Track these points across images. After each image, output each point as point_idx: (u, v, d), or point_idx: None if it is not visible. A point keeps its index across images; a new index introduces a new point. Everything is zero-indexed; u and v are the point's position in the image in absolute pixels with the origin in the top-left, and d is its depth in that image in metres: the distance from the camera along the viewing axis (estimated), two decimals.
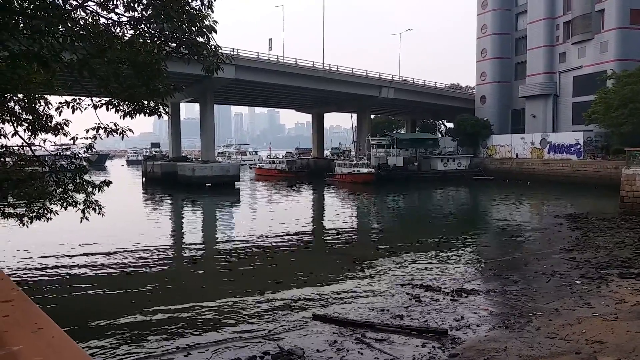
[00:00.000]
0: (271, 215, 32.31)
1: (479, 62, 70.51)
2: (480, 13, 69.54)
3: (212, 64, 7.20)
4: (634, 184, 25.32)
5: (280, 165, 69.96)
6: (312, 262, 18.13)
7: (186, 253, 20.43)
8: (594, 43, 53.58)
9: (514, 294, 12.73)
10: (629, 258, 15.87)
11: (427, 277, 14.96)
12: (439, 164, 60.78)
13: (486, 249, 20.70)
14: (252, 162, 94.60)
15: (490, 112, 67.59)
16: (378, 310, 11.72)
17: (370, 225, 29.16)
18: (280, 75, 55.18)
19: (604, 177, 42.69)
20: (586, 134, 50.96)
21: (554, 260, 16.50)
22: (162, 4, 6.40)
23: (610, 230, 21.37)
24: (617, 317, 9.87)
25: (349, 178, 54.82)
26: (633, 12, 50.55)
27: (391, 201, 41.26)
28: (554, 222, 25.51)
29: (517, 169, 56.25)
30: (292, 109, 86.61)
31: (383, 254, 18.65)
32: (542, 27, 59.85)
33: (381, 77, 65.48)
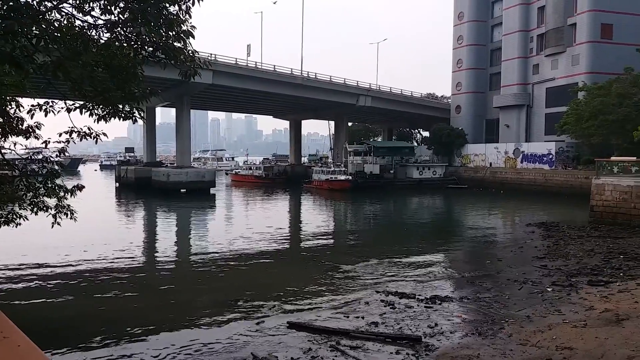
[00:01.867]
0: (247, 221, 32.13)
1: (454, 72, 71.63)
2: (457, 24, 70.75)
3: (189, 69, 7.17)
4: (603, 193, 25.97)
5: (257, 172, 69.68)
6: (287, 269, 18.07)
7: (159, 260, 20.12)
8: (566, 56, 55.00)
9: (486, 301, 12.90)
10: (598, 266, 16.24)
11: (402, 284, 15.06)
12: (414, 172, 61.38)
13: (460, 256, 20.97)
14: (228, 168, 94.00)
15: (465, 121, 68.64)
16: (353, 318, 11.74)
17: (346, 233, 29.23)
18: (258, 82, 55.11)
19: (574, 186, 43.69)
20: (558, 144, 52.13)
21: (526, 267, 16.79)
22: (139, 7, 6.35)
23: (581, 239, 21.84)
24: (586, 324, 10.09)
25: (326, 185, 54.93)
26: (603, 27, 52.10)
27: (367, 208, 41.44)
28: (526, 231, 25.98)
29: (490, 177, 57.17)
30: (270, 115, 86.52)
31: (359, 261, 18.70)
32: (516, 39, 61.20)
33: (359, 85, 65.96)
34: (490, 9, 69.12)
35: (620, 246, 19.51)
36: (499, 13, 66.30)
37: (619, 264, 16.39)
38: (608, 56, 51.01)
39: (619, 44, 50.95)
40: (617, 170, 27.81)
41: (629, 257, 17.38)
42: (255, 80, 54.76)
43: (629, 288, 12.87)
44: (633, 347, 8.51)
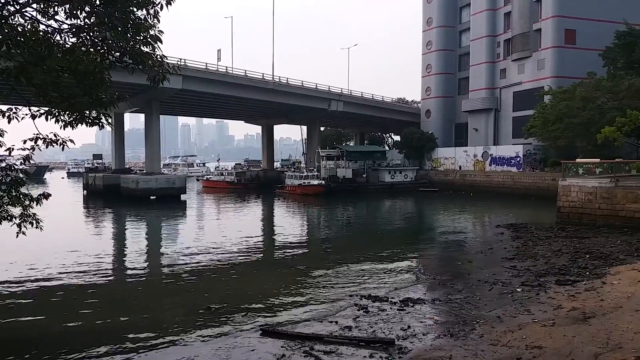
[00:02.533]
0: (218, 228, 31.82)
1: (424, 77, 72.68)
2: (426, 30, 71.86)
3: (158, 74, 7.08)
4: (569, 194, 26.66)
5: (229, 177, 69.13)
6: (260, 275, 17.95)
7: (127, 270, 19.68)
8: (532, 60, 56.45)
9: (458, 302, 13.07)
10: (565, 266, 16.64)
11: (376, 287, 15.13)
12: (386, 176, 61.90)
13: (432, 258, 21.21)
14: (199, 174, 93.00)
15: (435, 125, 69.67)
16: (327, 322, 11.73)
17: (319, 237, 29.24)
18: (229, 87, 54.79)
19: (542, 188, 44.76)
20: (525, 147, 53.36)
21: (496, 268, 17.08)
22: (105, 12, 6.25)
23: (548, 239, 22.34)
24: (554, 323, 10.31)
25: (299, 190, 54.87)
26: (567, 33, 53.72)
27: (340, 212, 41.57)
28: (495, 232, 26.47)
29: (460, 180, 58.11)
30: (242, 121, 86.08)
31: (332, 265, 18.72)
32: (484, 44, 62.51)
33: (330, 90, 66.23)
34: (458, 15, 70.45)
35: (586, 246, 20.03)
36: (466, 19, 67.64)
37: (585, 263, 16.82)
38: (572, 61, 52.56)
39: (582, 49, 52.57)
40: (582, 172, 28.61)
41: (594, 256, 17.86)
42: (226, 85, 54.42)
43: (594, 286, 13.22)
44: (599, 345, 8.75)
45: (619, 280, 13.61)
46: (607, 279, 14.05)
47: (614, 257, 17.46)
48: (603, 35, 48.09)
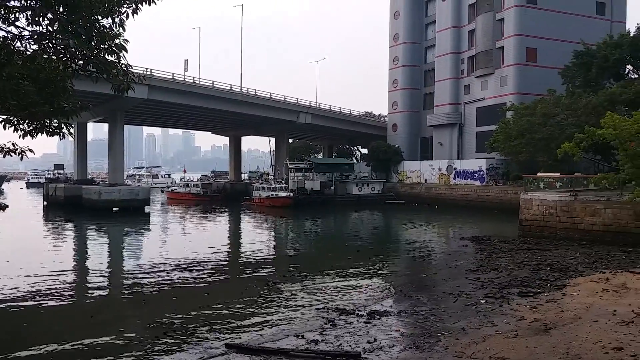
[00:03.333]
0: (183, 241, 31.28)
1: (391, 91, 73.75)
2: (392, 45, 73.06)
3: (122, 84, 6.95)
4: (531, 208, 27.36)
5: (195, 189, 68.19)
6: (225, 289, 17.71)
7: (88, 284, 19.09)
8: (495, 77, 58.03)
9: (423, 314, 13.17)
10: (527, 277, 17.00)
11: (342, 300, 15.13)
12: (354, 189, 62.25)
13: (398, 270, 21.36)
14: (164, 185, 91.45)
15: (401, 139, 70.63)
16: (293, 336, 11.63)
17: (287, 250, 29.09)
18: (196, 97, 54.29)
19: (504, 201, 45.78)
20: (488, 161, 54.60)
21: (460, 280, 17.33)
22: (68, 19, 6.10)
23: (511, 252, 22.81)
24: (517, 334, 10.50)
25: (267, 202, 54.58)
26: (528, 51, 55.54)
27: (308, 225, 41.50)
28: (460, 244, 26.88)
29: (426, 193, 58.95)
30: (209, 131, 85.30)
31: (299, 278, 18.63)
32: (448, 60, 63.95)
33: (299, 102, 66.45)
34: (424, 32, 71.94)
35: (547, 258, 20.55)
36: (432, 35, 69.11)
37: (546, 275, 17.24)
38: (533, 78, 54.29)
39: (542, 67, 54.42)
40: (543, 186, 29.45)
41: (555, 268, 18.33)
42: (193, 96, 53.90)
43: (555, 298, 13.55)
44: (560, 355, 8.95)
45: (578, 292, 13.99)
46: (567, 290, 14.42)
47: (573, 269, 17.95)
48: (562, 54, 49.92)
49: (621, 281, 14.63)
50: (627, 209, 23.21)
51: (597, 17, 58.30)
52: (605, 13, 59.38)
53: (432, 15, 69.30)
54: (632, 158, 21.94)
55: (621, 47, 43.58)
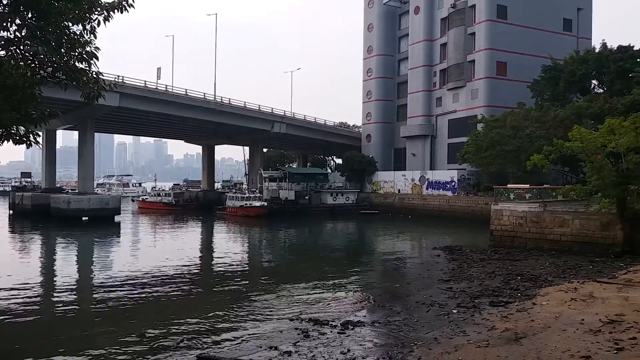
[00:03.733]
0: (154, 251, 30.77)
1: (365, 102, 74.38)
2: (366, 57, 73.82)
3: (93, 91, 6.81)
4: (501, 218, 27.82)
5: (167, 198, 67.24)
6: (197, 300, 17.45)
7: (57, 296, 18.55)
8: (466, 90, 59.13)
9: (397, 324, 13.20)
10: (498, 287, 17.24)
11: (316, 311, 15.06)
12: (328, 198, 62.36)
13: (372, 281, 21.40)
14: (135, 194, 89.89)
15: (375, 149, 71.20)
16: (266, 348, 11.50)
17: (261, 260, 28.86)
18: (169, 105, 53.72)
19: (476, 212, 46.46)
20: (460, 172, 55.44)
21: (433, 290, 17.45)
22: (37, 25, 5.97)
23: (482, 262, 23.12)
24: (489, 344, 10.60)
25: (241, 212, 54.16)
26: (498, 64, 56.80)
27: (282, 234, 41.32)
28: (432, 254, 27.12)
29: (399, 203, 59.45)
30: (182, 140, 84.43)
31: (273, 288, 18.49)
32: (421, 73, 64.92)
33: (274, 112, 66.38)
34: (397, 44, 72.92)
35: (518, 268, 20.89)
36: (405, 48, 70.10)
37: (517, 284, 17.50)
38: (503, 91, 55.51)
39: (512, 81, 55.70)
40: (513, 197, 29.97)
41: (525, 278, 18.63)
42: (165, 104, 53.32)
43: (526, 307, 13.75)
44: None
45: (548, 301, 14.24)
46: (537, 299, 14.66)
47: (543, 279, 18.27)
48: (531, 69, 51.29)
49: (589, 290, 14.95)
50: (593, 219, 23.81)
51: (564, 33, 60.11)
52: (572, 29, 61.28)
53: (405, 29, 70.33)
54: (598, 170, 22.53)
55: (587, 63, 44.99)
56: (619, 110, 34.55)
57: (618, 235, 22.69)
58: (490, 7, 56.23)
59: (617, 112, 33.57)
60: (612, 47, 45.53)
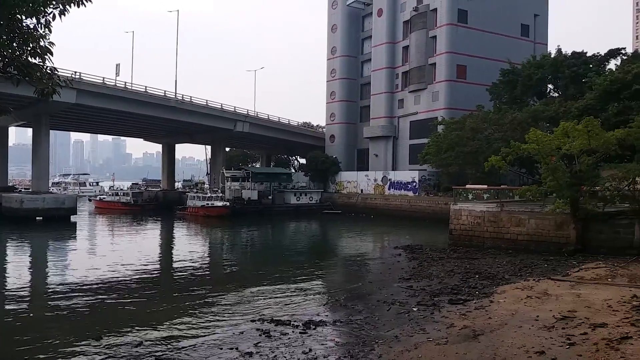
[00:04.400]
0: (112, 253, 29.99)
1: (328, 103, 74.64)
2: (330, 58, 74.11)
3: (47, 87, 6.57)
4: (460, 218, 28.43)
5: (125, 198, 65.62)
6: (158, 302, 17.10)
7: (9, 298, 17.82)
8: (427, 92, 60.15)
9: (358, 323, 13.31)
10: (457, 285, 17.61)
11: (278, 311, 15.01)
12: (292, 198, 62.25)
13: (334, 280, 21.52)
14: (92, 193, 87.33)
15: (338, 150, 71.56)
16: (226, 349, 11.39)
17: (222, 260, 28.56)
18: (128, 103, 52.43)
19: (436, 211, 47.28)
20: (421, 173, 56.36)
21: (394, 289, 17.68)
22: None
23: (442, 260, 23.57)
24: (447, 341, 10.82)
25: (202, 211, 53.41)
26: (458, 68, 58.03)
27: (245, 235, 40.99)
28: (393, 253, 27.46)
29: (362, 203, 59.94)
30: (141, 138, 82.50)
31: (235, 289, 18.33)
32: (383, 75, 65.64)
33: (236, 111, 65.71)
34: (360, 46, 73.52)
35: (476, 266, 21.40)
36: (368, 50, 70.72)
37: (475, 283, 17.93)
38: (463, 94, 56.72)
39: (471, 84, 57.00)
40: (471, 197, 30.65)
41: (483, 276, 19.11)
42: (124, 101, 52.02)
43: (483, 305, 14.10)
44: None
45: (505, 299, 14.65)
46: (494, 297, 15.05)
47: (500, 277, 18.78)
48: (490, 72, 52.64)
49: (543, 288, 15.46)
50: (548, 219, 24.63)
51: (522, 39, 61.99)
52: (529, 35, 63.27)
53: (368, 30, 70.95)
54: (553, 172, 23.32)
55: (543, 67, 46.53)
56: (573, 114, 35.87)
57: (571, 235, 23.54)
58: (451, 11, 57.39)
59: (571, 116, 34.85)
60: (567, 52, 47.27)
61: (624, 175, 22.12)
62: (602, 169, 24.50)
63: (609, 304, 12.66)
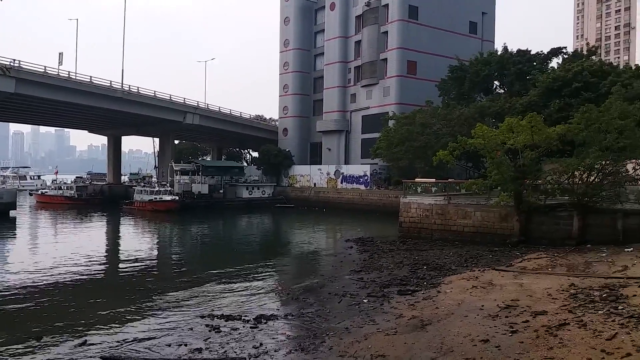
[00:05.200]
0: (55, 249, 28.70)
1: (281, 96, 74.22)
2: (283, 51, 73.64)
3: None
4: (409, 211, 28.96)
5: (68, 192, 63.09)
6: (103, 299, 16.50)
7: None
8: (379, 87, 60.84)
9: (309, 316, 13.31)
10: (406, 276, 17.91)
11: (229, 306, 14.80)
12: (244, 192, 61.63)
13: (286, 273, 21.46)
14: (33, 187, 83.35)
15: (291, 143, 71.37)
16: (175, 346, 11.12)
17: (171, 256, 27.90)
18: (72, 93, 50.33)
19: (387, 204, 47.99)
20: (372, 167, 57.05)
21: (345, 281, 17.81)
22: None
23: (392, 252, 23.93)
24: (397, 331, 10.98)
25: (150, 206, 52.00)
26: (409, 64, 58.96)
27: (195, 230, 40.23)
28: (345, 246, 27.65)
29: (315, 197, 60.10)
30: (86, 130, 79.52)
31: (183, 285, 17.94)
32: (336, 69, 65.89)
33: (186, 102, 64.32)
34: (313, 40, 73.41)
35: (424, 258, 21.84)
36: (321, 43, 70.74)
37: (423, 274, 18.30)
38: (413, 89, 57.70)
39: (421, 79, 58.06)
40: (420, 191, 31.29)
41: (431, 267, 19.53)
42: (68, 92, 49.89)
43: (431, 295, 14.41)
44: (435, 350, 9.49)
45: (451, 289, 15.02)
46: (442, 288, 15.41)
47: (447, 268, 19.25)
48: (439, 68, 53.78)
49: (488, 278, 15.96)
50: (493, 211, 25.46)
51: (470, 36, 63.67)
52: (477, 32, 65.05)
53: (321, 24, 70.95)
54: (498, 166, 24.07)
55: (490, 65, 47.98)
56: (517, 110, 37.20)
57: (515, 227, 24.43)
58: (402, 7, 58.17)
59: (516, 112, 36.14)
60: (512, 50, 48.93)
61: (564, 169, 23.06)
62: (544, 163, 25.46)
63: (549, 292, 13.20)
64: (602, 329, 9.53)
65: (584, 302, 11.90)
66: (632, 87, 34.88)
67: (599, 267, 16.62)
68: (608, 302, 11.61)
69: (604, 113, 23.13)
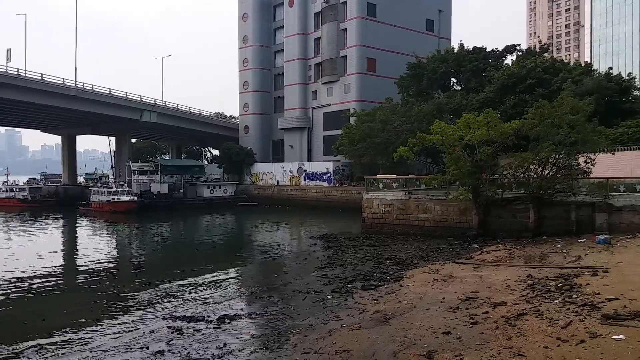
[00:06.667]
0: (8, 253, 27.57)
1: (241, 93, 73.55)
2: (242, 47, 72.93)
3: None
4: (372, 206, 29.23)
5: (21, 194, 60.73)
6: (60, 304, 15.97)
7: None
8: (340, 84, 61.11)
9: (274, 314, 13.26)
10: (369, 272, 18.08)
11: (192, 307, 14.57)
12: (205, 191, 60.79)
13: (250, 273, 21.30)
14: None
15: (253, 141, 70.87)
16: (136, 349, 10.87)
17: (130, 258, 27.22)
18: (22, 91, 48.42)
19: (350, 201, 48.30)
20: (335, 164, 57.28)
21: (309, 278, 17.82)
22: None
23: (355, 248, 24.11)
24: (360, 326, 11.07)
25: (108, 207, 50.62)
26: (369, 61, 59.49)
27: (155, 230, 39.41)
28: (309, 243, 27.71)
29: (278, 194, 59.88)
30: (38, 129, 76.57)
31: (144, 287, 17.54)
32: (296, 66, 65.77)
33: (143, 100, 62.85)
34: (272, 36, 73.03)
35: (387, 252, 22.10)
36: (281, 40, 70.44)
37: (386, 268, 18.51)
38: (373, 87, 58.29)
39: (381, 77, 58.71)
40: (382, 187, 31.61)
41: (393, 261, 19.77)
42: (17, 90, 47.97)
43: (394, 289, 14.60)
44: (398, 343, 9.63)
45: (414, 283, 15.26)
46: (404, 281, 15.64)
47: (409, 262, 19.53)
48: (398, 65, 54.49)
49: (449, 271, 16.29)
50: (452, 206, 25.99)
51: (427, 33, 64.75)
52: (434, 30, 66.22)
53: (280, 20, 70.64)
54: (456, 161, 24.56)
55: (447, 62, 48.93)
56: (474, 106, 38.10)
57: (473, 220, 25.01)
58: (360, 4, 58.58)
59: (473, 108, 37.00)
60: (469, 48, 50.02)
61: (519, 164, 23.74)
62: (501, 157, 26.13)
63: (507, 283, 13.59)
64: (558, 318, 9.88)
65: (540, 292, 12.31)
66: (582, 83, 36.30)
67: (555, 258, 17.23)
68: (563, 292, 12.06)
69: (557, 108, 23.95)
